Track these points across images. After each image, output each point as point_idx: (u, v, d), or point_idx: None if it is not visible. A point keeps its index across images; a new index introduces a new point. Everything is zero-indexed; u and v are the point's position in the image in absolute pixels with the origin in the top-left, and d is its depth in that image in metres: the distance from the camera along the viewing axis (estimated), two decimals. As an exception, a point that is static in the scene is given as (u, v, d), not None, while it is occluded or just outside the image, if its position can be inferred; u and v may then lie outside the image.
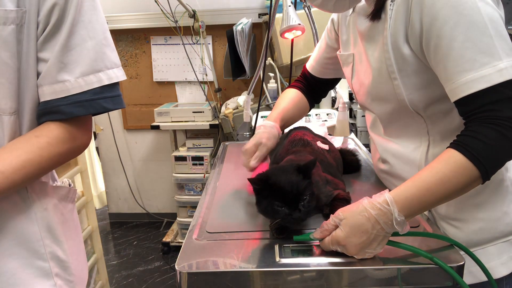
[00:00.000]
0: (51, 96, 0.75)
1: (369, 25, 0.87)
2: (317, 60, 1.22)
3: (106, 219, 3.42)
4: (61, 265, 0.83)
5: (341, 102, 1.68)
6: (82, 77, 0.75)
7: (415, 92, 0.83)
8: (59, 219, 0.85)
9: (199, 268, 0.72)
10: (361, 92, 0.98)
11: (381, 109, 0.93)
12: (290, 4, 1.59)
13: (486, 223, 0.84)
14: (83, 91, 0.75)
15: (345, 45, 1.04)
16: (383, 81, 0.86)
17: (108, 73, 0.79)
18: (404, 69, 0.82)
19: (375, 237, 0.70)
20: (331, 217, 0.74)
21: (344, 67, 1.06)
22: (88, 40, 0.76)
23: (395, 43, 0.81)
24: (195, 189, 2.80)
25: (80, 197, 1.96)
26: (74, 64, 0.75)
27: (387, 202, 0.70)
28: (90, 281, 2.02)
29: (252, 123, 1.72)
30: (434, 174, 0.71)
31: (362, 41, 0.93)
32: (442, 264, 0.69)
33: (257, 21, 2.75)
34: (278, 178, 0.78)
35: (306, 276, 0.71)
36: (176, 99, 3.10)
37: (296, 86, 1.27)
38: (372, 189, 1.03)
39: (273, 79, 2.27)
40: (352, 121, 2.77)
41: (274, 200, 0.76)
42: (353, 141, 1.48)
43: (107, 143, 3.21)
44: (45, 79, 0.75)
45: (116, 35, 3.00)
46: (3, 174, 0.69)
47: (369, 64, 0.90)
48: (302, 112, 1.28)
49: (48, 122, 0.76)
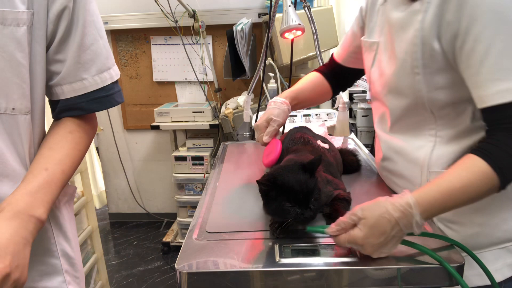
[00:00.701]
0: (71, 94, 0.80)
1: (402, 15, 0.84)
2: (344, 48, 1.19)
3: (106, 219, 3.42)
4: (70, 262, 0.86)
5: (341, 102, 1.68)
6: (97, 74, 0.81)
7: (435, 91, 0.82)
8: (68, 216, 0.89)
9: (199, 268, 0.72)
10: (379, 82, 0.95)
11: (395, 102, 0.91)
12: (290, 4, 1.59)
13: (484, 228, 0.83)
14: (99, 87, 0.81)
15: (371, 32, 1.01)
16: (405, 74, 0.84)
17: (114, 69, 0.85)
18: (429, 66, 0.80)
19: (392, 238, 0.70)
20: (348, 214, 0.73)
21: (365, 53, 1.03)
22: (99, 39, 0.81)
23: (425, 37, 0.79)
24: (195, 189, 2.80)
25: (80, 197, 1.96)
26: (90, 63, 0.80)
27: (409, 205, 0.70)
28: (90, 281, 2.02)
29: (252, 123, 1.72)
30: (458, 180, 0.71)
31: (391, 30, 0.90)
32: (455, 275, 0.69)
33: (257, 21, 2.75)
34: (286, 178, 0.78)
35: (306, 276, 0.71)
36: (176, 99, 3.10)
37: (319, 70, 1.25)
38: (372, 189, 1.03)
39: (273, 79, 2.26)
40: (352, 121, 2.77)
41: (284, 200, 0.76)
42: (353, 141, 1.48)
43: (107, 143, 3.21)
44: (65, 79, 0.79)
45: (116, 35, 3.00)
46: (65, 174, 0.76)
47: (394, 54, 0.88)
48: (321, 95, 1.26)
49: (69, 117, 0.82)
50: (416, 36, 0.80)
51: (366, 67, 1.04)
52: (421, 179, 0.88)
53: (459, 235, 0.84)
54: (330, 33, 2.56)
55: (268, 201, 0.79)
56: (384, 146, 0.98)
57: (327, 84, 1.23)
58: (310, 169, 0.79)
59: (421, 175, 0.87)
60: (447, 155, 0.84)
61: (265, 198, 0.80)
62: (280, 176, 0.78)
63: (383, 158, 0.99)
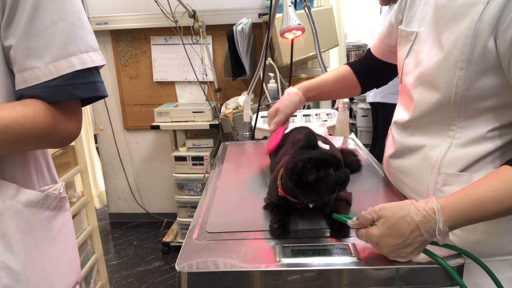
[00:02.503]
0: (23, 85, 0.71)
1: (458, 5, 0.79)
2: (380, 40, 1.11)
3: (106, 219, 3.42)
4: (14, 277, 0.75)
5: (341, 102, 1.68)
6: (52, 62, 0.70)
7: (475, 91, 0.78)
8: (21, 227, 0.75)
9: (199, 268, 0.72)
10: (412, 73, 0.90)
11: (425, 96, 0.86)
12: (290, 4, 1.58)
13: (487, 236, 0.80)
14: (53, 77, 0.71)
15: (410, 21, 0.95)
16: (447, 68, 0.79)
17: (81, 57, 0.73)
18: (476, 63, 0.76)
19: (411, 242, 0.69)
20: (370, 210, 0.73)
21: (400, 44, 0.98)
22: (59, 22, 0.71)
23: (480, 31, 0.74)
24: (195, 189, 2.80)
25: (80, 197, 1.96)
26: (44, 49, 0.70)
27: (433, 210, 0.69)
28: (90, 281, 2.02)
29: (252, 123, 1.72)
30: (490, 191, 0.69)
31: (440, 20, 0.83)
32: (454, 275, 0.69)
33: (257, 21, 2.75)
34: (315, 155, 0.80)
35: (306, 276, 0.71)
36: (176, 99, 3.10)
37: (350, 64, 1.19)
38: (372, 189, 1.03)
39: (273, 79, 2.27)
40: (352, 121, 2.77)
41: (326, 173, 0.78)
42: (353, 141, 1.49)
43: (107, 143, 3.21)
44: (14, 66, 0.71)
45: (116, 35, 3.00)
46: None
47: (439, 45, 0.82)
48: (345, 89, 1.21)
49: (36, 101, 0.71)
50: (470, 28, 0.75)
51: (399, 57, 0.98)
52: (430, 179, 0.86)
53: (461, 241, 0.82)
54: (330, 33, 2.56)
55: (309, 185, 0.78)
56: (398, 142, 0.96)
57: (354, 78, 1.17)
58: (313, 144, 0.84)
59: (431, 174, 0.86)
60: (460, 158, 0.82)
61: (304, 185, 0.79)
62: (309, 156, 0.79)
63: (394, 154, 0.97)
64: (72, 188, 1.94)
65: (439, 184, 0.84)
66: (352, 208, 0.90)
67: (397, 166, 0.97)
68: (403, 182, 0.96)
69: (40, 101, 0.71)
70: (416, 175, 0.90)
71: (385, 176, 1.08)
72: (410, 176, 0.92)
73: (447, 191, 0.82)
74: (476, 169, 0.81)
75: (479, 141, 0.80)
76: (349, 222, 0.76)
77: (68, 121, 0.76)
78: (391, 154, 0.99)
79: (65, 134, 0.76)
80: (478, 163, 0.81)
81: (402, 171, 0.95)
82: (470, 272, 0.79)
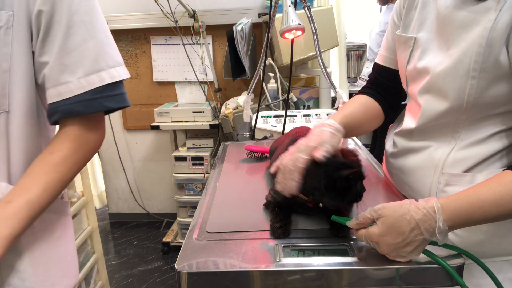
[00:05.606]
0: (57, 98, 0.77)
1: (466, 13, 0.76)
2: (387, 48, 1.03)
3: (106, 219, 3.42)
4: (19, 276, 0.80)
5: (341, 102, 1.68)
6: (84, 77, 0.77)
7: (487, 98, 0.77)
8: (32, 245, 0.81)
9: (199, 268, 0.72)
10: (417, 80, 0.88)
11: (432, 103, 0.84)
12: (290, 4, 1.58)
13: (490, 237, 0.80)
14: (85, 91, 0.77)
15: (407, 27, 0.93)
16: (457, 76, 0.77)
17: (110, 71, 0.80)
18: (489, 71, 0.74)
19: (411, 241, 0.69)
20: (369, 209, 0.73)
21: (399, 49, 0.95)
22: (89, 40, 0.78)
23: (494, 40, 0.72)
24: (195, 189, 2.80)
25: (80, 197, 1.96)
26: (76, 65, 0.76)
27: (433, 209, 0.69)
28: (90, 281, 2.02)
29: (252, 123, 1.72)
30: (491, 194, 0.69)
31: (445, 28, 0.81)
32: (454, 275, 0.69)
33: (257, 21, 2.75)
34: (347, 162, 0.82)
35: (306, 276, 0.71)
36: (176, 99, 3.10)
37: (362, 92, 1.07)
38: (372, 189, 1.03)
39: (273, 79, 2.27)
40: (352, 121, 2.76)
41: (355, 182, 0.79)
42: (353, 141, 1.48)
43: (107, 143, 3.20)
44: (49, 81, 0.77)
45: (116, 35, 2.99)
46: (31, 204, 0.73)
47: (445, 53, 0.80)
48: (372, 120, 1.04)
49: (63, 131, 0.80)
50: (483, 37, 0.73)
51: (400, 64, 0.96)
52: (432, 179, 0.86)
53: (462, 240, 0.81)
54: (330, 33, 2.56)
55: (338, 190, 0.79)
56: (401, 143, 0.95)
57: (376, 104, 1.04)
58: None
59: (434, 175, 0.85)
60: (465, 158, 0.82)
61: (334, 189, 0.79)
62: (345, 163, 0.81)
63: (397, 154, 0.96)
64: (72, 188, 1.94)
65: (442, 185, 0.84)
66: (352, 208, 0.90)
67: (398, 166, 0.97)
68: (404, 182, 0.95)
69: (65, 135, 0.79)
70: (418, 175, 0.90)
71: (385, 176, 1.08)
72: (412, 176, 0.91)
73: (449, 192, 0.82)
74: (480, 169, 0.81)
75: (484, 142, 0.80)
76: (348, 223, 0.76)
77: (93, 134, 0.83)
78: (393, 154, 0.99)
79: (93, 148, 0.84)
80: (482, 164, 0.80)
81: (404, 171, 0.94)
82: (472, 272, 0.79)
